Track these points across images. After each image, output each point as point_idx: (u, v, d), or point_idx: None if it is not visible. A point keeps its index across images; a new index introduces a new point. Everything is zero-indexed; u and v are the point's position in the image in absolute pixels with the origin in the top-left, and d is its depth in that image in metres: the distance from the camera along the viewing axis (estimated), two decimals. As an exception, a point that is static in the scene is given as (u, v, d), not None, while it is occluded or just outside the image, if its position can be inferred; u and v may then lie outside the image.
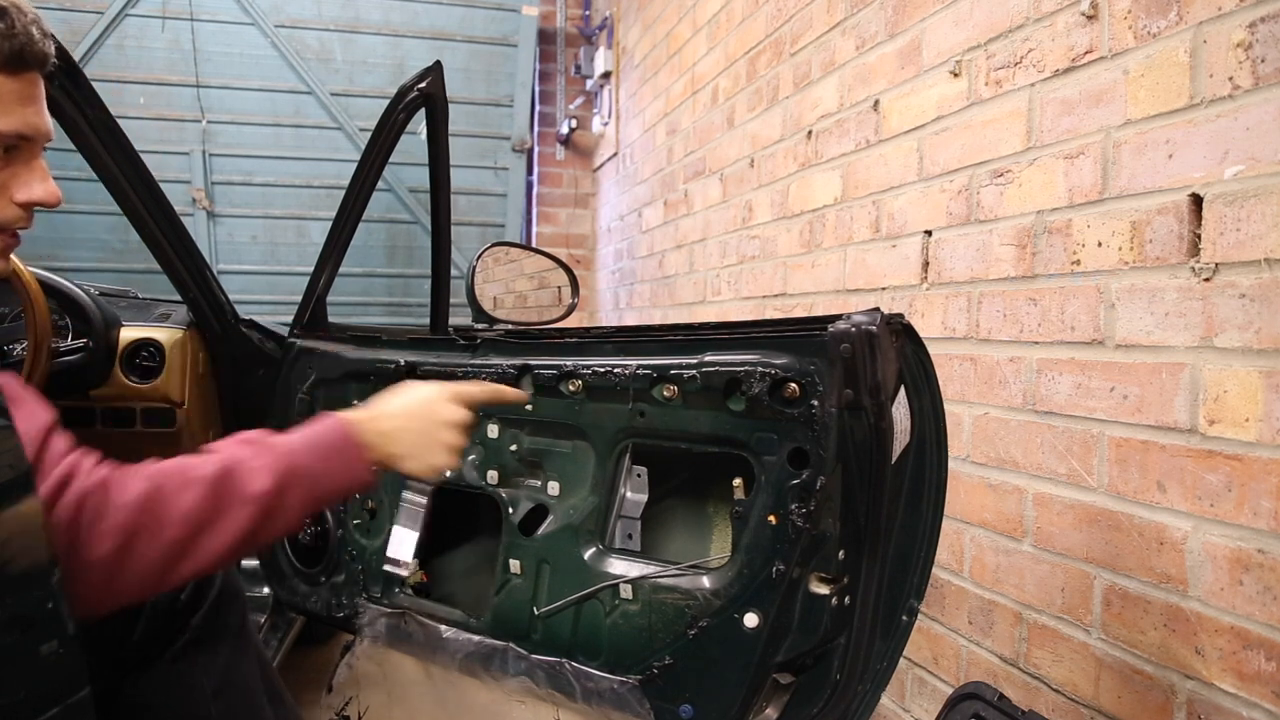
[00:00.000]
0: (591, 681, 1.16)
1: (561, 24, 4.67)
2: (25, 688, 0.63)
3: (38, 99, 0.93)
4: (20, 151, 0.92)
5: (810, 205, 2.26)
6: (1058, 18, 1.42)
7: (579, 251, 4.72)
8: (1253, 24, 1.08)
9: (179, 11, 3.97)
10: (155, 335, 1.90)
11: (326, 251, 1.70)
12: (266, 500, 0.93)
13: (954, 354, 1.66)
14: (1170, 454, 1.21)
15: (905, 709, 1.86)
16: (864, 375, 0.94)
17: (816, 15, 2.25)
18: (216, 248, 4.13)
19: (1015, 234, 1.51)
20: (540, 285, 1.80)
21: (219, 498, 0.90)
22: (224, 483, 0.91)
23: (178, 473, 0.90)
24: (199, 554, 0.89)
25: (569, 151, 4.75)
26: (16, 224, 0.95)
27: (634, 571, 1.15)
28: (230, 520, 0.91)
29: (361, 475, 1.02)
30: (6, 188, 0.92)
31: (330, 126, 4.22)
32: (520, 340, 1.33)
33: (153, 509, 0.86)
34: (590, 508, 1.21)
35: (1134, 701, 1.27)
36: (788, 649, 1.03)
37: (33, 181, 0.94)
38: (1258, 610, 1.08)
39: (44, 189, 0.94)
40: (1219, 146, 1.13)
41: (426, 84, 1.63)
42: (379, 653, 1.43)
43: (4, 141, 0.90)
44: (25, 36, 0.89)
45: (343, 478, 1.01)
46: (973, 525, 1.63)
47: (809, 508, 0.99)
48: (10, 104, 0.89)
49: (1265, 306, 1.07)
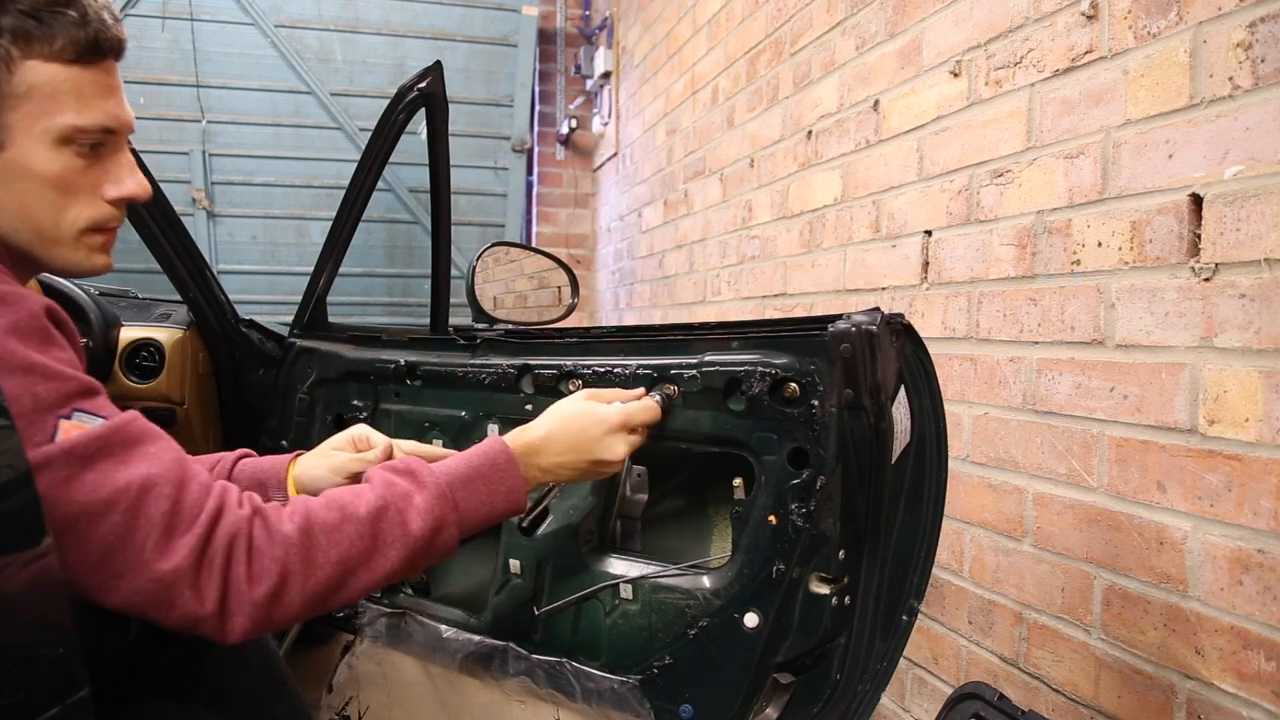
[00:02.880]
0: (591, 681, 1.16)
1: (561, 24, 4.67)
2: (25, 689, 0.63)
3: (117, 89, 0.89)
4: (105, 147, 0.89)
5: (810, 205, 2.26)
6: (1058, 18, 1.42)
7: (579, 251, 4.72)
8: (1253, 24, 1.08)
9: (179, 11, 3.97)
10: (155, 335, 1.90)
11: (327, 251, 1.70)
12: (422, 540, 0.91)
13: (954, 354, 1.66)
14: (1170, 454, 1.21)
15: (905, 709, 1.86)
16: (864, 375, 0.94)
17: (816, 15, 2.25)
18: (216, 248, 4.13)
19: (1015, 234, 1.51)
20: (540, 285, 1.80)
21: (374, 538, 0.88)
22: (379, 523, 0.89)
23: (335, 509, 0.88)
24: (350, 590, 0.88)
25: (569, 151, 4.75)
26: (110, 222, 0.92)
27: (634, 571, 1.15)
28: (383, 559, 0.89)
29: (519, 502, 1.00)
30: (98, 185, 0.89)
31: (330, 126, 4.22)
32: (520, 340, 1.33)
33: (308, 548, 0.85)
34: (590, 507, 1.21)
35: (1134, 701, 1.27)
36: (788, 649, 1.03)
37: (123, 176, 0.91)
38: (1258, 610, 1.08)
39: (134, 182, 0.91)
40: (1219, 146, 1.13)
41: (426, 84, 1.62)
42: (379, 653, 1.43)
43: (89, 138, 0.86)
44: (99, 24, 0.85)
45: (500, 508, 0.98)
46: (973, 525, 1.63)
47: (809, 507, 0.99)
48: (90, 97, 0.86)
49: (1265, 306, 1.07)
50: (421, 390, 1.44)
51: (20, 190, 0.85)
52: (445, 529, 0.93)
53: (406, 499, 0.92)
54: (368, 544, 0.88)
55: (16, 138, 0.83)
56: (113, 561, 0.76)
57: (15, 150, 0.83)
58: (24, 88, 0.82)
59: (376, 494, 0.91)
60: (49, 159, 0.85)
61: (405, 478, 0.94)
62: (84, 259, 0.92)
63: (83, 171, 0.88)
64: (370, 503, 0.90)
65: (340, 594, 0.87)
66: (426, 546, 0.92)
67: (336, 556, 0.86)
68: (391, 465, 0.98)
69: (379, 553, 0.88)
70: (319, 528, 0.86)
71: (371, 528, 0.88)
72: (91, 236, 0.91)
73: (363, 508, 0.89)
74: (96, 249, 0.92)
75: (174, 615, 0.80)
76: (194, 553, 0.79)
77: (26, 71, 0.82)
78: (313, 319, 1.70)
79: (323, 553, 0.86)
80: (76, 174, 0.87)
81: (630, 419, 1.04)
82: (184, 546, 0.78)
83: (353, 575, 0.87)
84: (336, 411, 1.57)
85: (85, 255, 0.92)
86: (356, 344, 1.56)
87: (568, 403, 1.07)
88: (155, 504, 0.78)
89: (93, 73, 0.86)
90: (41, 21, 0.82)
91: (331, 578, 0.86)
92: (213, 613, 0.80)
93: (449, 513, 0.93)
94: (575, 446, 1.02)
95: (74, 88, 0.84)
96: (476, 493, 0.96)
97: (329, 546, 0.86)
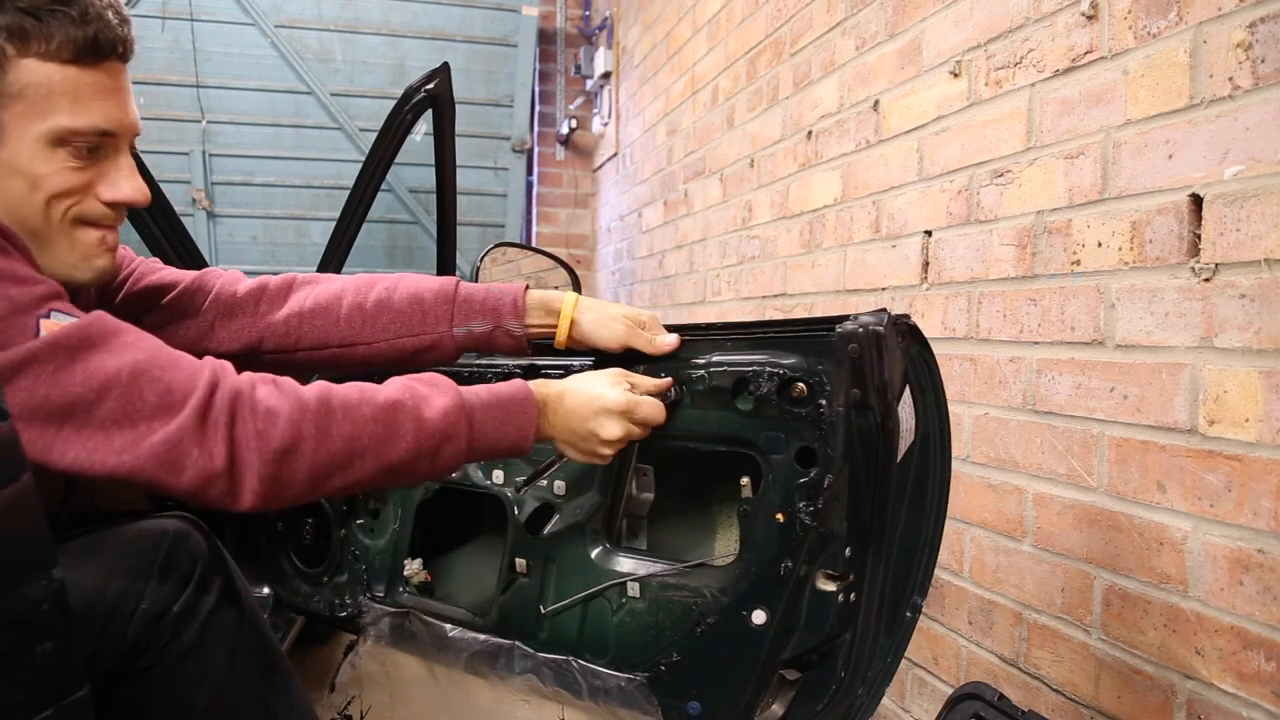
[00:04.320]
0: (599, 679, 1.16)
1: (561, 24, 4.67)
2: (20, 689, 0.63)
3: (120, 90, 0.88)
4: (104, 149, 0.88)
5: (810, 205, 2.26)
6: (1058, 18, 1.42)
7: (579, 251, 4.72)
8: (1253, 24, 1.08)
9: (179, 11, 3.96)
10: None
11: (330, 252, 1.70)
12: (432, 438, 0.91)
13: (954, 354, 1.66)
14: (1170, 454, 1.21)
15: (905, 709, 1.86)
16: (871, 375, 0.95)
17: (816, 15, 2.25)
18: (216, 248, 4.13)
19: (1015, 234, 1.51)
20: (543, 285, 1.80)
21: (388, 425, 0.89)
22: (395, 413, 0.90)
23: (354, 389, 0.90)
24: (353, 473, 0.88)
25: (569, 151, 4.75)
26: (104, 220, 0.91)
27: (641, 570, 1.16)
28: (392, 448, 0.89)
29: (526, 441, 1.01)
30: (91, 186, 0.88)
31: (330, 126, 4.22)
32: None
33: (324, 417, 0.85)
34: (596, 506, 1.21)
35: (1134, 701, 1.27)
36: (795, 646, 1.03)
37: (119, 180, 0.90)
38: (1258, 610, 1.08)
39: (131, 187, 0.90)
40: (1219, 146, 1.13)
41: (434, 85, 1.63)
42: (382, 652, 1.43)
43: (85, 140, 0.85)
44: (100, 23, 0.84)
45: (510, 438, 0.99)
46: (973, 525, 1.63)
47: (817, 506, 0.99)
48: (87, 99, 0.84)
49: (1265, 306, 1.07)
50: None
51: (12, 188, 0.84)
52: (455, 438, 0.94)
53: (425, 399, 0.93)
54: (381, 429, 0.88)
55: (10, 137, 0.82)
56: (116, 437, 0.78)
57: (8, 149, 0.83)
58: (18, 86, 0.81)
59: (397, 388, 0.92)
60: (43, 159, 0.84)
61: (428, 385, 0.96)
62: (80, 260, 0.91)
63: (76, 173, 0.86)
64: (390, 394, 0.91)
65: (344, 474, 0.88)
66: (435, 447, 0.92)
67: (350, 432, 0.87)
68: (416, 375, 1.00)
69: (390, 441, 0.89)
70: (338, 401, 0.87)
71: (387, 414, 0.89)
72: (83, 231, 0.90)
73: (381, 396, 0.90)
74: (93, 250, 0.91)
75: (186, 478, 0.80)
76: (195, 413, 0.80)
77: (21, 70, 0.81)
78: (314, 319, 1.70)
79: (337, 425, 0.86)
80: (68, 174, 0.86)
81: (634, 409, 1.05)
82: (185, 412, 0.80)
83: (360, 458, 0.88)
84: None
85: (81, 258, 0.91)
86: None
87: (591, 375, 1.09)
88: (149, 385, 0.80)
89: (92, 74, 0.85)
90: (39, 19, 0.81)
91: (341, 453, 0.86)
92: (223, 468, 0.81)
93: (462, 423, 0.94)
94: (578, 412, 1.04)
95: (70, 88, 0.83)
96: (492, 417, 0.97)
97: (344, 421, 0.87)
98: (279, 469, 0.83)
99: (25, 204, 0.85)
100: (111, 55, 0.86)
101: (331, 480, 0.87)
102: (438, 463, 0.94)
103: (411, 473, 0.93)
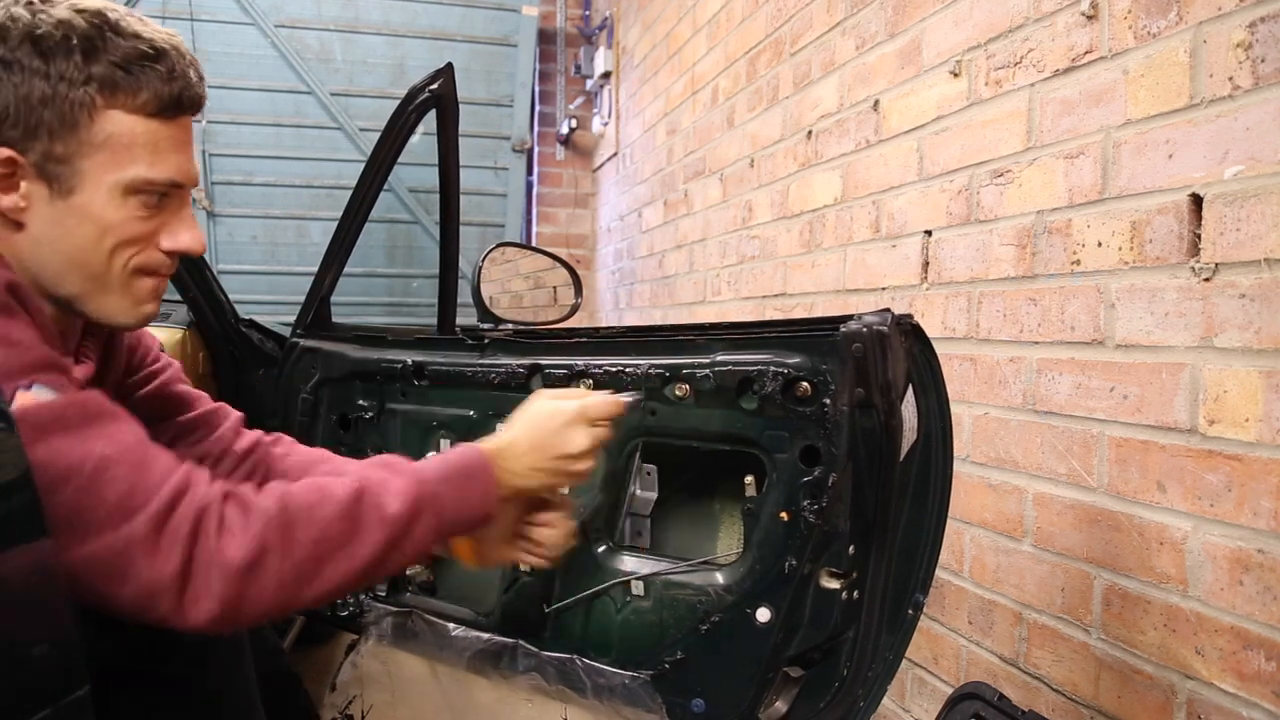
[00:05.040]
0: (603, 677, 1.17)
1: (561, 24, 4.67)
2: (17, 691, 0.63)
3: (189, 144, 0.91)
4: (170, 199, 0.90)
5: (810, 205, 2.26)
6: (1058, 18, 1.42)
7: (579, 251, 4.72)
8: (1253, 24, 1.09)
9: (179, 11, 3.96)
10: (155, 334, 1.90)
11: (331, 252, 1.70)
12: (400, 524, 0.87)
13: (954, 354, 1.66)
14: (1170, 454, 1.21)
15: (905, 709, 1.86)
16: (875, 375, 0.95)
17: (816, 15, 2.25)
18: (216, 248, 4.13)
19: (1015, 234, 1.51)
20: (544, 285, 1.80)
21: (353, 520, 0.85)
22: (358, 504, 0.86)
23: (313, 490, 0.86)
24: (325, 579, 0.83)
25: (569, 151, 4.75)
26: (161, 269, 0.93)
27: (645, 568, 1.16)
28: (362, 544, 0.85)
29: (491, 509, 0.97)
30: (154, 235, 0.90)
31: (330, 126, 4.22)
32: (530, 340, 1.33)
33: (287, 525, 0.81)
34: (600, 505, 1.22)
35: (1134, 701, 1.28)
36: (799, 643, 1.04)
37: (180, 231, 0.91)
38: (1258, 610, 1.09)
39: (190, 237, 0.92)
40: (1219, 146, 1.13)
41: (438, 85, 1.63)
42: (384, 651, 1.43)
43: (157, 190, 0.87)
44: (184, 81, 0.87)
45: (475, 509, 0.96)
46: (973, 525, 1.63)
47: (821, 504, 1.00)
48: (166, 151, 0.87)
49: (1265, 306, 1.07)
50: (428, 390, 1.44)
51: (81, 234, 0.86)
52: (423, 517, 0.90)
53: (383, 484, 0.89)
54: (346, 525, 0.84)
55: (87, 184, 0.84)
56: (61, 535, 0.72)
57: (84, 196, 0.84)
58: (103, 136, 0.84)
59: (353, 479, 0.89)
60: (115, 207, 0.86)
61: (382, 469, 0.93)
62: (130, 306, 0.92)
63: (143, 221, 0.88)
64: (347, 486, 0.87)
65: (315, 583, 0.83)
66: (405, 532, 0.88)
67: (315, 535, 0.82)
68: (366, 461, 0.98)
69: (357, 536, 0.85)
70: (297, 506, 0.83)
71: (350, 509, 0.85)
72: (140, 280, 0.91)
73: (340, 490, 0.86)
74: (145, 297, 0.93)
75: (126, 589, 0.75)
76: (151, 522, 0.75)
77: (107, 121, 0.84)
78: (316, 319, 1.70)
79: (302, 530, 0.82)
80: (137, 223, 0.88)
81: (587, 411, 1.02)
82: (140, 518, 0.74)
83: (329, 560, 0.83)
84: (341, 411, 1.58)
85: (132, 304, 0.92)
86: (361, 344, 1.57)
87: (528, 404, 1.05)
88: (110, 484, 0.74)
89: (170, 128, 0.87)
90: (130, 73, 0.83)
91: (309, 559, 0.82)
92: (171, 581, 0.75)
93: (426, 501, 0.90)
94: (539, 445, 1.00)
95: (150, 141, 0.86)
96: (452, 488, 0.93)
97: (308, 525, 0.82)
98: (242, 587, 0.77)
99: (92, 250, 0.87)
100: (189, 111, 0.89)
101: (303, 591, 0.82)
102: (412, 546, 0.90)
103: (383, 565, 0.88)
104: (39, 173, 0.83)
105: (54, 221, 0.84)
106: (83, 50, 0.81)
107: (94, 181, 0.84)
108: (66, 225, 0.85)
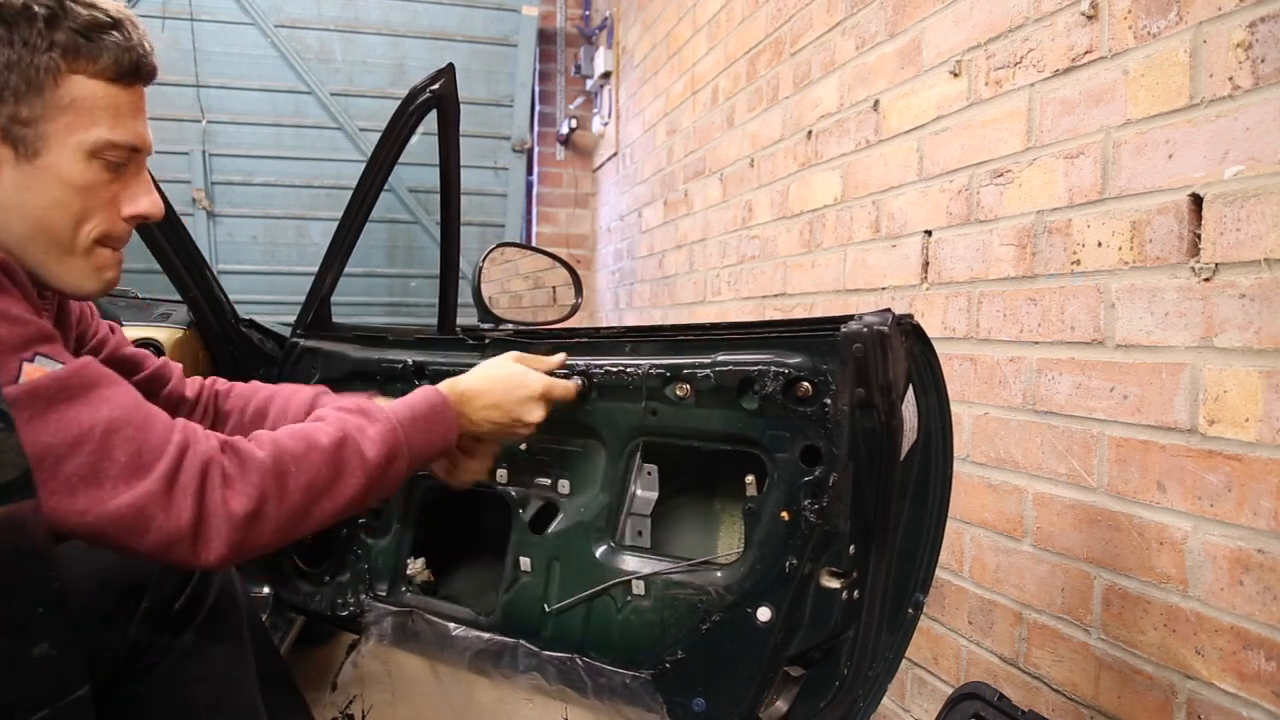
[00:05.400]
0: (604, 677, 1.17)
1: (561, 24, 4.67)
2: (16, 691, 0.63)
3: (144, 112, 0.95)
4: (128, 165, 0.94)
5: (810, 205, 2.26)
6: (1058, 18, 1.42)
7: (579, 251, 4.72)
8: (1253, 24, 1.09)
9: (179, 11, 3.96)
10: (155, 335, 1.90)
11: (332, 252, 1.70)
12: (378, 468, 0.98)
13: (954, 354, 1.66)
14: (1170, 454, 1.21)
15: (905, 709, 1.86)
16: (875, 375, 0.96)
17: (816, 15, 2.25)
18: (216, 248, 4.13)
19: (1015, 234, 1.51)
20: (543, 285, 1.80)
21: (337, 466, 0.95)
22: (341, 451, 0.96)
23: (299, 438, 0.94)
24: (314, 518, 0.93)
25: (569, 151, 4.75)
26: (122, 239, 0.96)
27: (646, 568, 1.16)
28: (346, 486, 0.95)
29: (451, 443, 1.09)
30: (116, 201, 0.93)
31: (330, 126, 4.22)
32: (530, 340, 1.33)
33: (281, 474, 0.90)
34: (601, 505, 1.22)
35: (1134, 701, 1.28)
36: (800, 642, 1.04)
37: (139, 195, 0.95)
38: (1258, 610, 1.09)
39: (149, 201, 0.96)
40: (1219, 146, 1.13)
41: (439, 86, 1.63)
42: (384, 651, 1.43)
43: (118, 154, 0.91)
44: (141, 50, 0.92)
45: (437, 448, 1.07)
46: (973, 525, 1.63)
47: (822, 504, 1.00)
48: (126, 116, 0.91)
49: (1265, 306, 1.07)
50: None
51: (48, 196, 0.88)
52: (397, 459, 1.01)
53: (361, 430, 0.99)
54: (332, 471, 0.95)
55: (52, 146, 0.87)
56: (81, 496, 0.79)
57: (49, 157, 0.88)
58: (67, 99, 0.87)
59: (334, 426, 0.98)
60: (80, 169, 0.89)
61: (356, 414, 1.01)
62: (91, 274, 0.95)
63: (105, 186, 0.92)
64: (330, 434, 0.96)
65: (307, 521, 0.93)
66: (382, 474, 0.99)
67: (305, 482, 0.92)
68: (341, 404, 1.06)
69: (342, 480, 0.95)
70: (288, 456, 0.92)
71: (334, 456, 0.95)
72: (100, 251, 0.94)
73: (324, 438, 0.95)
74: (105, 265, 0.96)
75: (148, 540, 0.82)
76: (164, 479, 0.82)
77: (71, 85, 0.87)
78: (317, 319, 1.70)
79: (293, 479, 0.91)
80: (100, 187, 0.91)
81: (551, 392, 1.16)
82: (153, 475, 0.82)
83: (317, 503, 0.93)
84: None
85: (93, 271, 0.95)
86: (361, 344, 1.57)
87: (497, 362, 1.17)
88: (120, 445, 0.81)
89: (129, 94, 0.92)
90: (90, 40, 0.87)
91: (300, 503, 0.92)
92: (188, 531, 0.83)
93: (400, 444, 1.01)
94: (501, 403, 1.13)
95: (111, 105, 0.90)
96: (420, 430, 1.04)
97: (298, 473, 0.92)
98: (245, 533, 0.87)
99: (59, 213, 0.89)
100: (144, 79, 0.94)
101: (298, 528, 0.93)
102: (388, 483, 1.02)
103: (368, 498, 1.00)
104: (5, 136, 0.86)
105: (20, 185, 0.87)
106: (45, 19, 0.85)
107: (59, 143, 0.87)
108: (34, 188, 0.88)
